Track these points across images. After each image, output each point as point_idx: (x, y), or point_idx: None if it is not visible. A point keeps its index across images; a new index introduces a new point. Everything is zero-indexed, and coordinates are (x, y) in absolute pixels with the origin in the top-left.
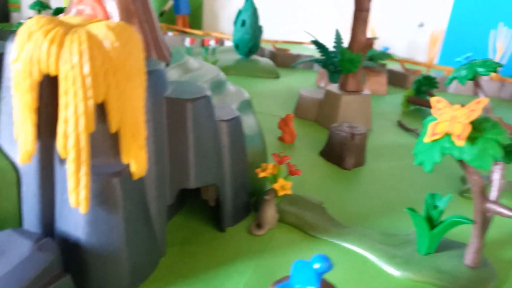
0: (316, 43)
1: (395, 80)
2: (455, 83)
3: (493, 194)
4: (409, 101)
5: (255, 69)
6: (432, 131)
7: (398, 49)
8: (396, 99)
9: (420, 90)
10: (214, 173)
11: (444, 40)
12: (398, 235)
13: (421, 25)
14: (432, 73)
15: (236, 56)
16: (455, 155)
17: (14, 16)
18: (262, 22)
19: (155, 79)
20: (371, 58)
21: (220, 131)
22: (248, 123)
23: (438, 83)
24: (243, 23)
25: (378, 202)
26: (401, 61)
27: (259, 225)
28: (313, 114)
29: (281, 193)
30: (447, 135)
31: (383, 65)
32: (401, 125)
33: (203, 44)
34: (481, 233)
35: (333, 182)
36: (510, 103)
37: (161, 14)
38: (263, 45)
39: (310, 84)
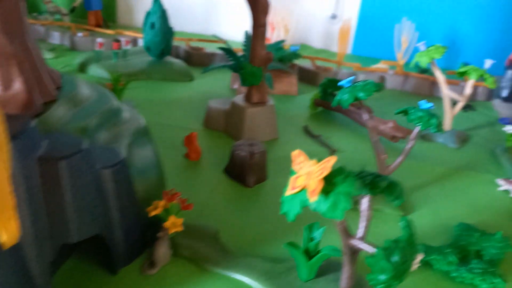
0: (223, 49)
1: (307, 78)
2: (363, 78)
3: (360, 230)
4: (315, 104)
5: (168, 72)
6: (292, 184)
7: (315, 41)
8: (306, 100)
9: (326, 92)
10: (99, 222)
11: (356, 31)
12: (284, 262)
13: (333, 16)
14: (344, 70)
15: (148, 58)
16: (311, 207)
17: None
18: (179, 18)
19: (24, 141)
20: (281, 59)
21: (103, 179)
22: (143, 154)
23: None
24: (152, 26)
25: (273, 224)
26: (312, 58)
27: (152, 263)
28: (222, 125)
29: (172, 230)
30: (305, 188)
31: (293, 66)
32: (306, 131)
33: (113, 47)
34: (351, 262)
35: (233, 203)
36: (412, 96)
37: (72, 10)
38: (177, 43)
39: (224, 86)
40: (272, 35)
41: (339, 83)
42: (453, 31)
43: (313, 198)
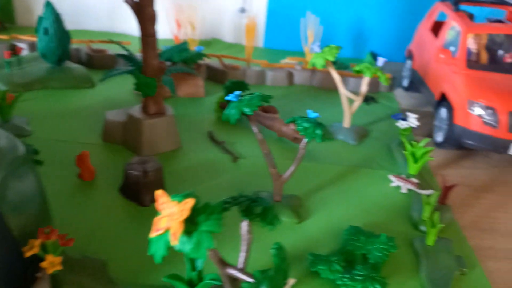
0: (122, 56)
1: (216, 77)
2: (271, 75)
3: (241, 257)
4: (221, 107)
5: (67, 79)
6: (155, 226)
7: (226, 35)
8: (214, 101)
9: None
10: None
11: (266, 25)
12: None
13: (242, 10)
14: (252, 68)
15: (45, 65)
16: (176, 248)
17: None
18: (81, 16)
19: None
20: (185, 61)
21: None
22: (21, 187)
23: (248, 85)
24: (46, 31)
25: None
26: (218, 57)
27: None
28: (121, 138)
29: (51, 270)
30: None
31: (199, 66)
32: (211, 137)
33: (4, 56)
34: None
35: (128, 226)
36: (319, 91)
37: None
38: (78, 46)
39: (128, 91)
40: (179, 33)
41: (226, 98)
42: (359, 21)
43: (174, 242)
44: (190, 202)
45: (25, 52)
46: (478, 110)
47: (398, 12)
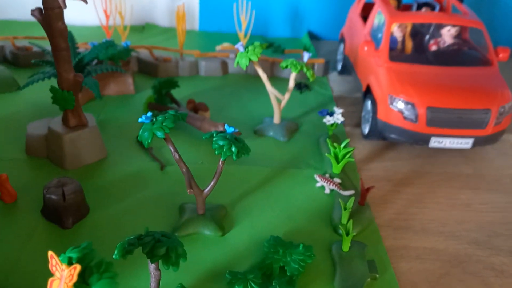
0: (43, 62)
1: (147, 70)
2: (204, 66)
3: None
4: (149, 108)
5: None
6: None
7: (160, 19)
8: (143, 100)
9: (161, 94)
10: None
11: (200, 7)
12: None
13: None
14: (186, 58)
15: None
16: None
17: None
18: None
19: None
20: (112, 58)
21: None
22: None
23: (177, 82)
24: None
25: None
26: (148, 48)
27: None
28: (44, 151)
29: None
30: None
31: (128, 62)
32: (139, 143)
33: None
34: None
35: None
36: (254, 79)
37: None
38: (2, 42)
39: None
40: (108, 23)
41: (139, 120)
42: (295, 0)
43: None
44: (77, 268)
45: None
46: (398, 105)
47: None
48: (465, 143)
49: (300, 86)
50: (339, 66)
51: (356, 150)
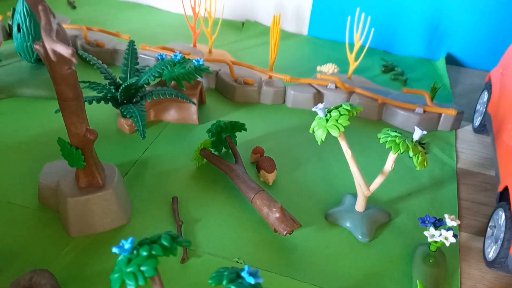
0: (88, 82)
1: (223, 90)
2: (293, 96)
3: None
4: (202, 155)
5: (40, 86)
6: None
7: (265, 18)
8: (204, 136)
9: (220, 139)
10: None
11: (312, 10)
12: None
13: None
14: (272, 85)
15: (25, 64)
16: None
17: None
18: None
19: None
20: (177, 79)
21: None
22: None
23: (244, 125)
24: (19, 28)
25: None
26: (230, 64)
27: None
28: (55, 205)
29: None
30: None
31: (198, 83)
32: (173, 210)
33: None
34: None
35: None
36: (353, 120)
37: None
38: (76, 32)
39: (106, 114)
40: (195, 22)
41: (113, 250)
42: (435, 13)
43: None
44: None
45: None
46: None
47: (493, 5)
48: None
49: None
50: (477, 121)
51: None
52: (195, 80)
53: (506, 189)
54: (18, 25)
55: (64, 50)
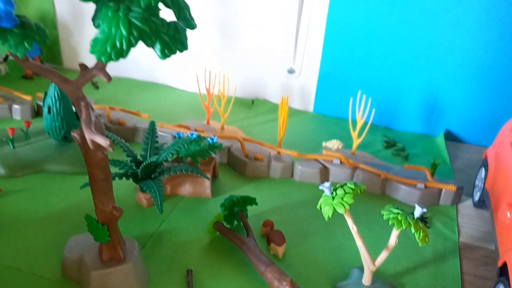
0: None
1: (235, 164)
2: (300, 170)
3: None
4: (215, 228)
5: (66, 162)
6: None
7: (272, 95)
8: (217, 209)
9: (232, 213)
10: None
11: (317, 88)
12: None
13: (290, 71)
14: (280, 160)
15: (51, 142)
16: None
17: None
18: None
19: None
20: (193, 156)
21: None
22: None
23: (255, 200)
24: (49, 110)
25: None
26: (241, 141)
27: None
28: (78, 278)
29: None
30: None
31: (211, 159)
32: (187, 283)
33: (9, 133)
34: None
35: None
36: (360, 195)
37: (5, 58)
38: (99, 111)
39: (129, 191)
40: (209, 101)
41: None
42: (433, 91)
43: None
44: None
45: None
46: None
47: (488, 85)
48: None
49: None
50: (476, 196)
51: None
52: (209, 156)
53: (505, 264)
54: (49, 107)
55: (103, 142)
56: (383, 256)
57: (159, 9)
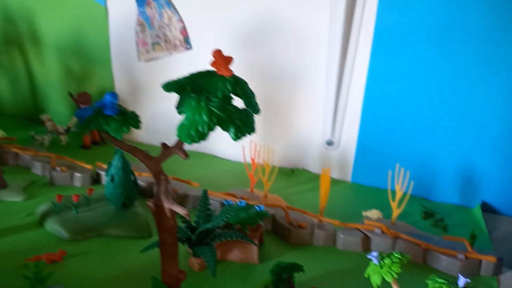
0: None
1: (279, 231)
2: (343, 239)
3: None
4: None
5: (125, 227)
6: None
7: (311, 165)
8: (265, 275)
9: (281, 279)
10: None
11: (355, 158)
12: None
13: (329, 143)
14: (325, 226)
15: (111, 208)
16: None
17: None
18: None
19: None
20: (241, 223)
21: None
22: None
23: (302, 267)
24: (112, 178)
25: None
26: (285, 209)
27: None
28: None
29: None
30: None
31: (259, 227)
32: None
33: (73, 199)
34: None
35: None
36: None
37: (67, 130)
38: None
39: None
40: (254, 170)
41: None
42: (469, 164)
43: None
44: None
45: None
46: None
47: None
48: None
49: None
50: None
51: None
52: (257, 223)
53: None
54: (112, 176)
55: (181, 211)
56: None
57: (232, 98)
